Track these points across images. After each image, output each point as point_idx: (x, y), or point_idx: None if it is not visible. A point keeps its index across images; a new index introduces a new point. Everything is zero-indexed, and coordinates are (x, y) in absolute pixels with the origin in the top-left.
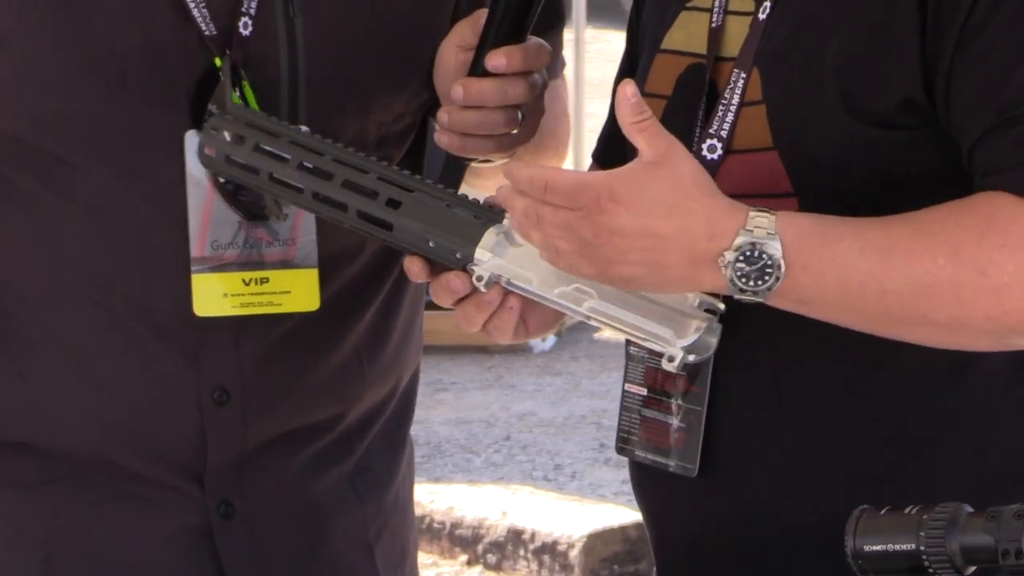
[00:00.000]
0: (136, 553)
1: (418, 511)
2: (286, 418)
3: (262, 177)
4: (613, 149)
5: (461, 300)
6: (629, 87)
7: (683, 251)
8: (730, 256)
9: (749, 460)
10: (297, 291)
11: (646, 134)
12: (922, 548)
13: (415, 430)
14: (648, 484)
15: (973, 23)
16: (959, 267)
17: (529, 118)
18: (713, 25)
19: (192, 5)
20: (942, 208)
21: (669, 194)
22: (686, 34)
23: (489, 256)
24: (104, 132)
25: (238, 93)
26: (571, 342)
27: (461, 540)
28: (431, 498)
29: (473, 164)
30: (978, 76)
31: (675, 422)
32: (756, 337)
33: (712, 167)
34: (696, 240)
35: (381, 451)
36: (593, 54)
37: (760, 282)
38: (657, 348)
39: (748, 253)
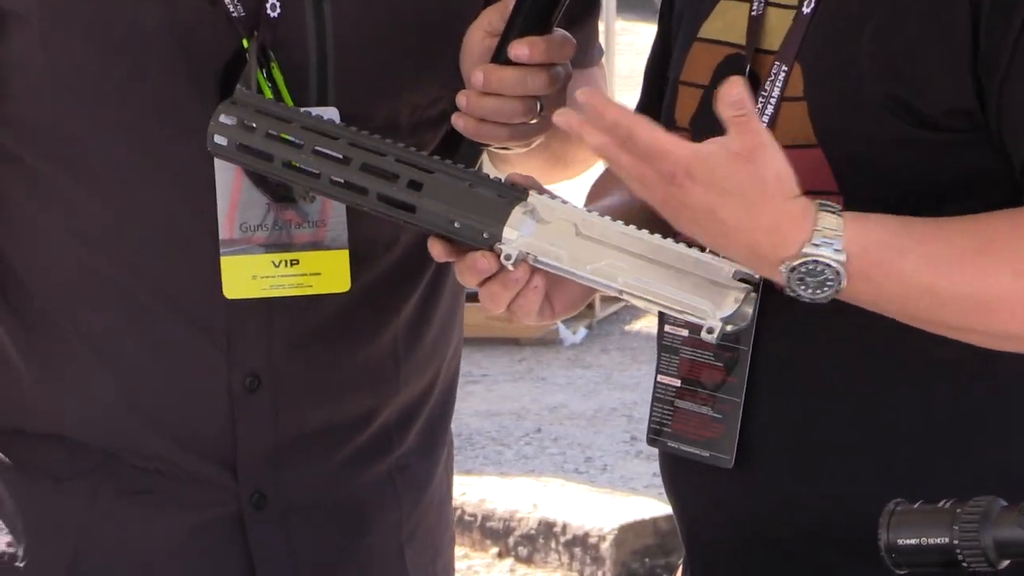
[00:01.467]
0: (166, 543)
1: None
2: (319, 409)
3: (276, 164)
4: None
5: (486, 280)
6: (735, 87)
7: (745, 247)
8: (794, 268)
9: (783, 452)
10: (328, 272)
11: (740, 127)
12: (956, 542)
13: None
14: (679, 476)
15: None
16: (1019, 285)
17: (548, 109)
18: (753, 14)
19: None
20: (1005, 220)
21: (745, 189)
22: (724, 23)
23: (517, 234)
24: (130, 115)
25: (265, 75)
26: (602, 335)
27: (492, 532)
28: (462, 490)
29: (493, 149)
30: None
31: (711, 413)
32: (793, 329)
33: None
34: (759, 244)
35: (421, 448)
36: (623, 46)
37: (818, 292)
38: (695, 320)
39: (811, 267)
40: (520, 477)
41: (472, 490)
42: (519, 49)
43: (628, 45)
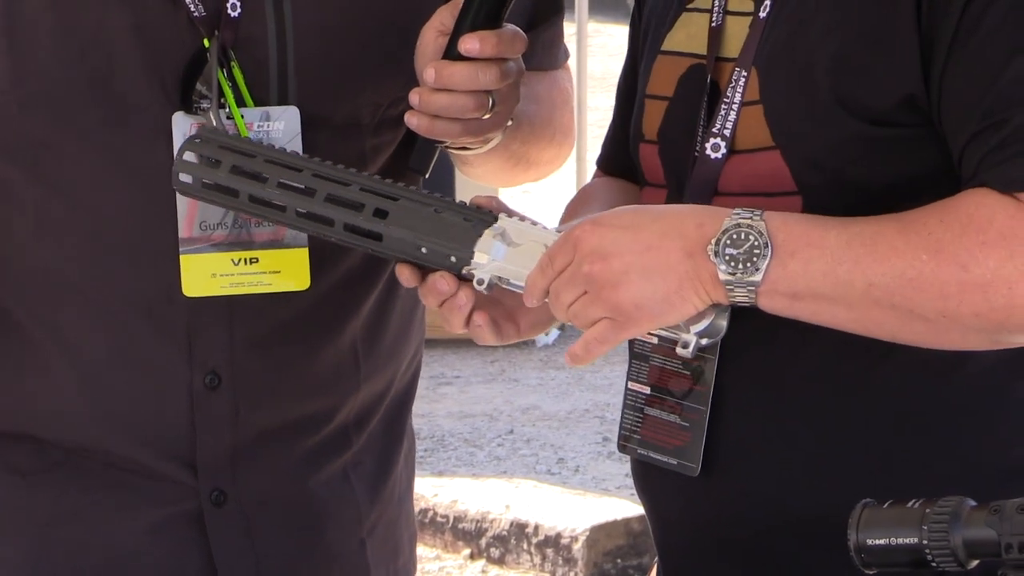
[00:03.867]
0: (129, 540)
1: (421, 505)
2: (279, 408)
3: (242, 199)
4: (619, 154)
5: (445, 301)
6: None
7: (677, 243)
8: (719, 241)
9: (752, 458)
10: (287, 270)
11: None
12: (925, 542)
13: (418, 424)
14: (651, 482)
15: (966, 24)
16: (941, 263)
17: (501, 105)
18: (713, 25)
19: None
20: (927, 208)
21: (652, 207)
22: (686, 34)
23: (488, 258)
24: (92, 116)
25: (226, 74)
26: (574, 336)
27: (464, 534)
28: (434, 491)
29: (452, 150)
30: (967, 79)
31: (678, 421)
32: (759, 338)
33: (716, 166)
34: (687, 230)
35: (379, 445)
36: (595, 48)
37: (749, 264)
38: (668, 335)
39: (736, 236)
40: (492, 478)
41: (444, 491)
42: (469, 43)
43: (600, 47)
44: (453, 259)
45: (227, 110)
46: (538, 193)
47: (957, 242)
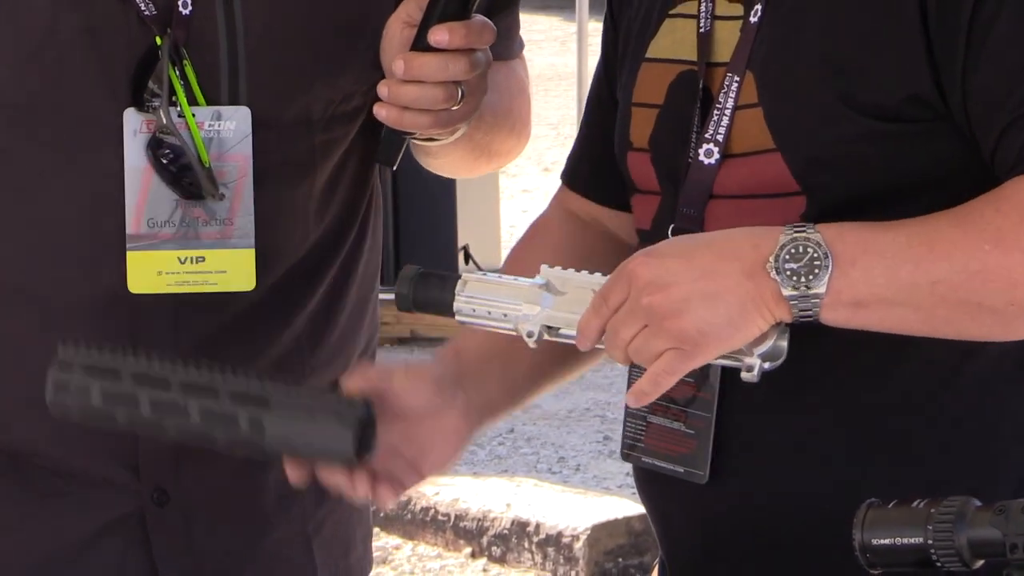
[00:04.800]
0: (70, 544)
1: (422, 503)
2: None
3: (121, 421)
4: (589, 169)
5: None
6: None
7: (734, 265)
8: (778, 257)
9: (760, 462)
10: (233, 271)
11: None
12: (930, 542)
13: None
14: (656, 489)
15: (981, 19)
16: (1005, 251)
17: (470, 96)
18: (701, 30)
19: None
20: (978, 200)
21: (701, 235)
22: (672, 41)
23: (536, 310)
24: (43, 117)
25: (178, 73)
26: None
27: (465, 532)
28: (435, 490)
29: (417, 142)
30: (994, 74)
31: (683, 428)
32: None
33: (710, 171)
34: (742, 251)
35: None
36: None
37: (811, 277)
38: (729, 364)
39: (794, 250)
40: (493, 477)
41: (446, 490)
42: (439, 35)
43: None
44: (335, 452)
45: (178, 108)
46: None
47: (1018, 229)
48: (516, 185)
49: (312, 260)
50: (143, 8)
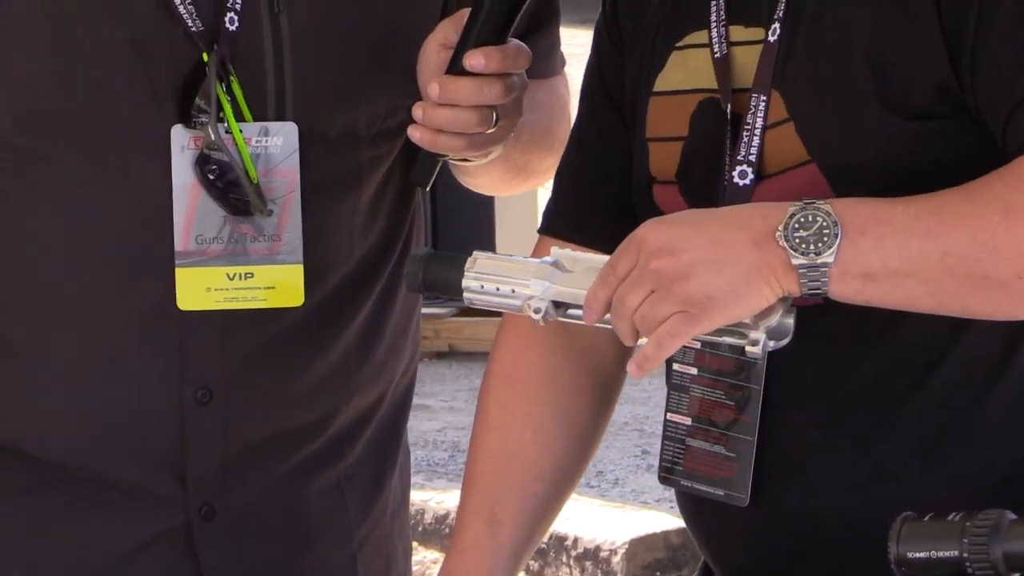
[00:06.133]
0: (117, 555)
1: None
2: (269, 421)
3: None
4: (558, 221)
5: None
6: None
7: (742, 233)
8: (787, 225)
9: (800, 486)
10: (282, 287)
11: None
12: (966, 555)
13: (457, 436)
14: (700, 512)
15: (988, 3)
16: (1013, 223)
17: (505, 119)
18: (716, 55)
19: (177, 1)
20: (986, 176)
21: (710, 209)
22: (684, 72)
23: (542, 286)
24: (89, 130)
25: (225, 89)
26: None
27: None
28: None
29: (453, 162)
30: (999, 55)
31: (724, 452)
32: (805, 363)
33: (745, 193)
34: (751, 221)
35: (371, 457)
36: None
37: (820, 245)
38: (734, 341)
39: (804, 219)
40: None
41: None
42: (474, 59)
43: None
44: None
45: (225, 125)
46: None
47: None
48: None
49: (359, 275)
50: (190, 24)
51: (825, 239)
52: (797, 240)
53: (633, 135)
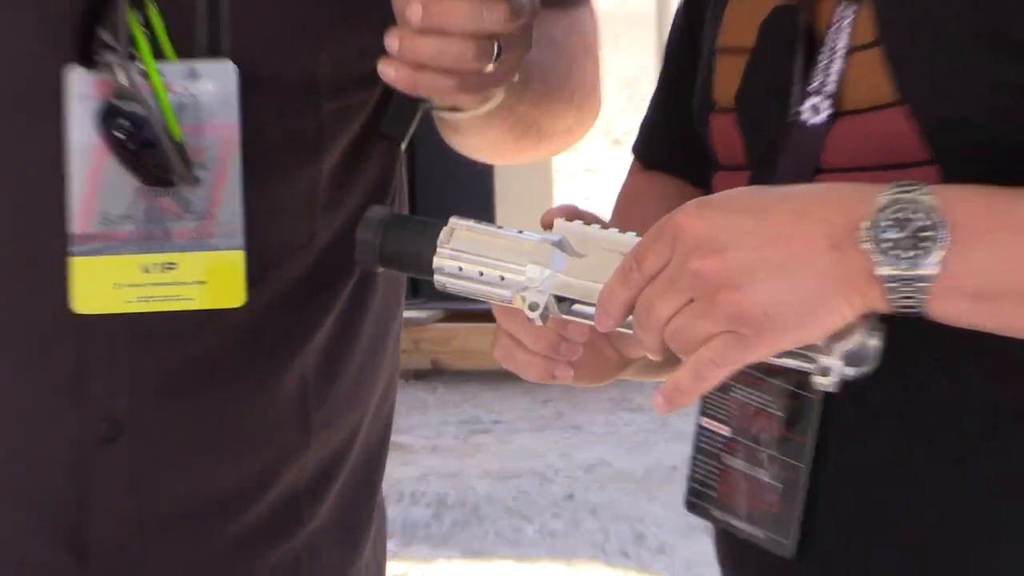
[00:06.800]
0: None
1: None
2: (199, 470)
3: None
4: (658, 144)
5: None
6: None
7: (816, 229)
8: (875, 223)
9: (865, 535)
10: (216, 281)
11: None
12: None
13: (444, 487)
14: (734, 555)
15: None
16: None
17: (508, 53)
18: None
19: None
20: None
21: (773, 187)
22: None
23: (543, 273)
24: None
25: (142, 21)
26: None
27: None
28: None
29: (439, 113)
30: None
31: (767, 478)
32: (882, 371)
33: (818, 133)
34: (827, 212)
35: (338, 524)
36: None
37: (918, 252)
38: (797, 364)
39: (896, 216)
40: (546, 562)
41: None
42: None
43: None
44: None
45: (140, 65)
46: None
47: None
48: (576, 163)
49: (321, 271)
50: None
51: (925, 243)
52: (887, 243)
53: (705, 45)
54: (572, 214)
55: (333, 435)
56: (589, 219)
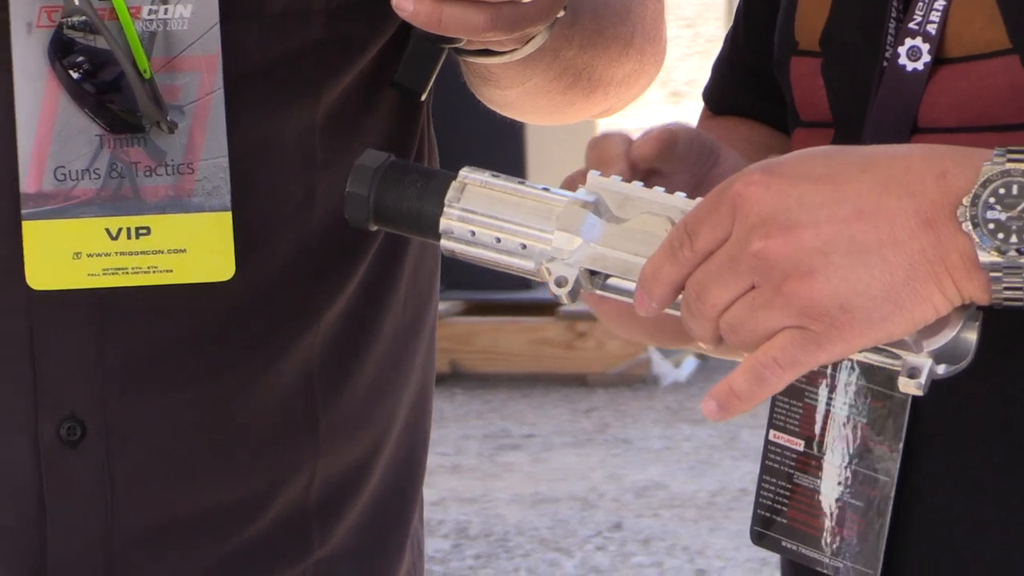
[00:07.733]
0: None
1: None
2: (180, 480)
3: None
4: (733, 92)
5: None
6: None
7: (907, 202)
8: (977, 197)
9: (962, 564)
10: (198, 249)
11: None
12: None
13: (465, 513)
14: None
15: None
16: None
17: None
18: None
19: None
20: None
21: (855, 149)
22: None
23: (575, 242)
24: None
25: None
26: (721, 368)
27: None
28: None
29: (468, 59)
30: None
31: (847, 498)
32: (984, 362)
33: (916, 82)
34: (920, 183)
35: (358, 551)
36: None
37: None
38: (880, 361)
39: (1004, 189)
40: None
41: None
42: None
43: None
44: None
45: None
46: None
47: None
48: (627, 121)
49: (329, 235)
50: None
51: None
52: (991, 224)
53: None
54: (620, 145)
55: (350, 445)
56: (647, 151)
